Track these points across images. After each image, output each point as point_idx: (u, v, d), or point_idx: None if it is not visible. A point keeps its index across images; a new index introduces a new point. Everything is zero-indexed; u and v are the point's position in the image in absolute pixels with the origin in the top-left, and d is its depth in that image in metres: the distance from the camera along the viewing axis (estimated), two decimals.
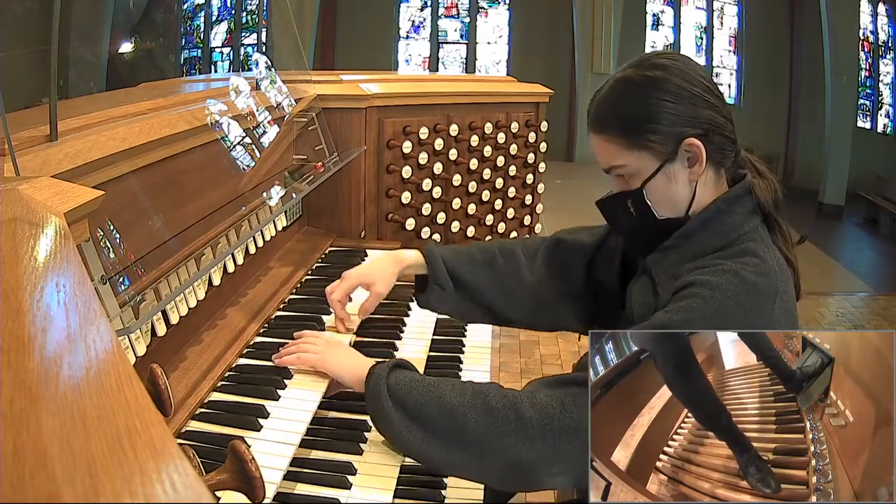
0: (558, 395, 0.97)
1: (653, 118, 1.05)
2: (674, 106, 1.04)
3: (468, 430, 0.99)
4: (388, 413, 1.03)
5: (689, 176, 1.07)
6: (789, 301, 1.02)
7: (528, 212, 2.44)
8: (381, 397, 1.03)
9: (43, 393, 0.40)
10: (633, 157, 1.07)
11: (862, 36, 9.71)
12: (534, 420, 0.96)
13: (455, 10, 11.58)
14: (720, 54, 11.28)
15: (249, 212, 1.39)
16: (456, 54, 11.65)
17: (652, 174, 1.07)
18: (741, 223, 1.05)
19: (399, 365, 1.09)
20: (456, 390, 1.02)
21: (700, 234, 1.06)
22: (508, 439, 0.97)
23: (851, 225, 8.91)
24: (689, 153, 1.05)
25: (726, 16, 11.28)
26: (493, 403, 0.99)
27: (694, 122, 1.05)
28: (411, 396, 1.03)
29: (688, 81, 1.05)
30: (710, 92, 1.07)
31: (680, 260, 1.06)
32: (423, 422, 1.02)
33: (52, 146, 0.94)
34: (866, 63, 10.15)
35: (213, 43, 10.39)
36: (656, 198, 1.08)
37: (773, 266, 1.00)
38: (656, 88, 1.05)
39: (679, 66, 1.06)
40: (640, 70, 1.07)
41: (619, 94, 1.09)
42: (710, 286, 0.96)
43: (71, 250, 0.64)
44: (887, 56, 10.28)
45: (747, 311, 0.95)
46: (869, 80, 10.23)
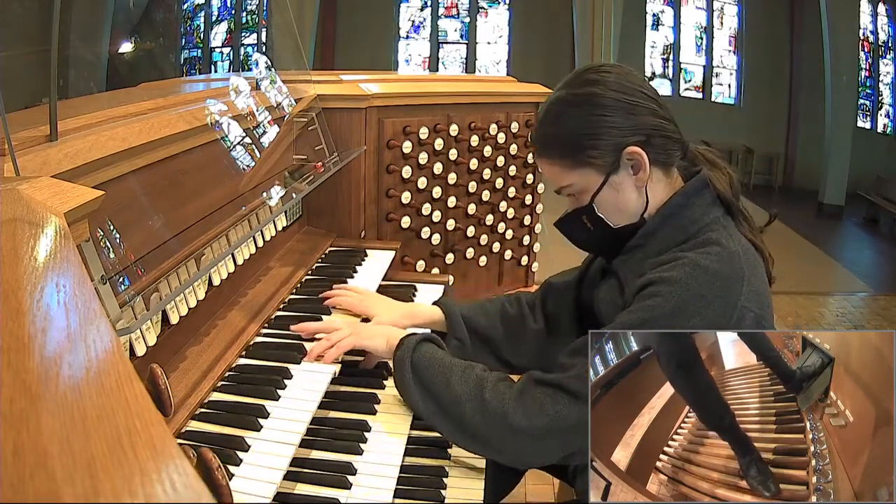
0: (538, 396, 1.03)
1: (591, 135, 1.07)
2: (610, 119, 1.06)
3: (465, 418, 1.08)
4: (408, 382, 1.14)
5: (636, 183, 1.09)
6: (759, 284, 1.03)
7: (528, 212, 2.44)
8: (405, 367, 1.14)
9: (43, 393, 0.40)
10: (577, 175, 1.10)
11: (862, 36, 9.70)
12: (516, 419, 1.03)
13: (455, 10, 11.57)
14: (720, 54, 11.28)
15: (249, 212, 1.39)
16: (456, 54, 11.65)
17: (598, 188, 1.09)
18: (701, 215, 1.07)
19: (427, 339, 1.19)
20: (463, 377, 1.10)
21: (661, 231, 1.08)
22: (494, 432, 1.05)
23: (851, 225, 8.91)
24: (632, 161, 1.07)
25: (726, 16, 11.27)
26: (486, 396, 1.07)
27: (632, 130, 1.07)
28: (428, 373, 1.13)
29: (621, 92, 1.07)
30: (646, 97, 1.08)
31: (644, 257, 1.08)
32: (433, 397, 1.11)
33: (52, 146, 0.94)
34: (866, 63, 10.15)
35: (213, 43, 10.39)
36: (608, 209, 1.11)
37: (737, 251, 1.02)
38: (590, 105, 1.07)
39: (611, 78, 1.08)
40: (572, 89, 1.10)
41: (555, 116, 1.11)
42: (669, 282, 0.98)
43: (71, 250, 0.64)
44: (887, 56, 10.27)
45: (709, 302, 0.97)
46: (869, 80, 10.23)
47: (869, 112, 10.34)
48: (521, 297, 1.42)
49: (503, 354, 1.38)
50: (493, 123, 2.20)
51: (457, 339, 1.36)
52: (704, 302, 0.96)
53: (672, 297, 0.97)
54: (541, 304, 1.40)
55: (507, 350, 1.38)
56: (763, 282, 1.05)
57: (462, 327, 1.36)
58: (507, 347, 1.38)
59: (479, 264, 2.30)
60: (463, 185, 2.17)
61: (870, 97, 10.30)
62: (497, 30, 11.58)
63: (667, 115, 1.10)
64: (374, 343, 1.23)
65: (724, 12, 11.25)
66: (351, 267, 1.67)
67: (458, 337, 1.36)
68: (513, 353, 1.38)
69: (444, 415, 1.10)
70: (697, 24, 11.30)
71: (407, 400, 1.16)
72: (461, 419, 1.08)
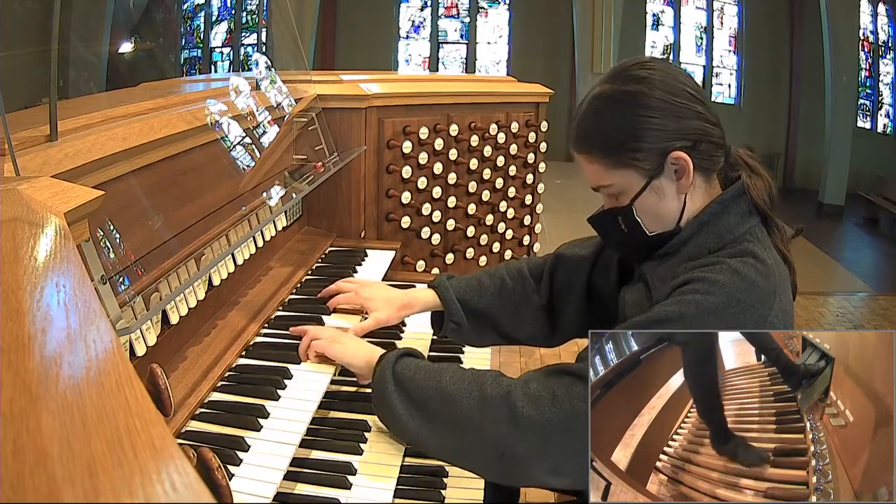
0: (551, 386, 0.96)
1: (636, 136, 1.02)
2: (657, 121, 1.01)
3: (463, 416, 0.99)
4: (390, 396, 1.04)
5: (678, 189, 1.05)
6: (787, 303, 1.01)
7: (528, 212, 2.44)
8: (386, 380, 1.05)
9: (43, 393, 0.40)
10: (619, 176, 1.05)
11: (862, 36, 9.71)
12: (525, 410, 0.95)
13: (455, 10, 11.57)
14: (720, 54, 11.28)
15: (249, 212, 1.39)
16: (456, 54, 11.65)
17: (639, 192, 1.05)
18: (737, 224, 1.04)
19: (409, 353, 1.10)
20: (456, 376, 1.03)
21: (696, 238, 1.05)
22: (499, 428, 0.96)
23: (851, 225, 8.91)
24: (676, 166, 1.03)
25: (726, 16, 11.27)
26: (487, 391, 0.99)
27: (680, 135, 1.02)
28: (414, 381, 1.04)
29: (670, 93, 1.02)
30: (694, 99, 1.04)
31: (676, 264, 1.05)
32: (421, 406, 1.02)
33: (52, 146, 0.94)
34: (866, 63, 10.15)
35: (213, 43, 10.39)
36: (646, 213, 1.07)
37: (772, 267, 0.99)
38: (638, 105, 1.01)
39: (659, 76, 1.03)
40: (618, 85, 1.04)
41: (598, 113, 1.05)
42: (710, 282, 0.96)
43: (71, 250, 0.64)
44: (887, 56, 10.27)
45: (745, 308, 0.94)
46: (869, 80, 10.23)
47: (869, 112, 10.34)
48: (523, 268, 1.37)
49: (504, 329, 1.35)
50: (493, 123, 2.20)
51: (454, 322, 1.33)
52: (741, 307, 0.94)
53: (711, 296, 0.94)
54: (549, 277, 1.35)
55: (508, 325, 1.34)
56: (789, 300, 1.02)
57: (458, 309, 1.33)
58: (508, 322, 1.34)
59: (479, 264, 2.30)
60: (463, 185, 2.17)
61: (870, 97, 10.30)
62: (497, 30, 11.58)
63: (713, 118, 1.05)
64: (347, 358, 1.15)
65: (724, 12, 11.25)
66: (351, 267, 1.67)
67: (454, 320, 1.33)
68: (514, 328, 1.35)
69: (433, 424, 1.02)
70: (697, 24, 11.30)
71: (388, 419, 1.06)
72: (458, 420, 0.99)
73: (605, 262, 1.28)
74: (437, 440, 1.02)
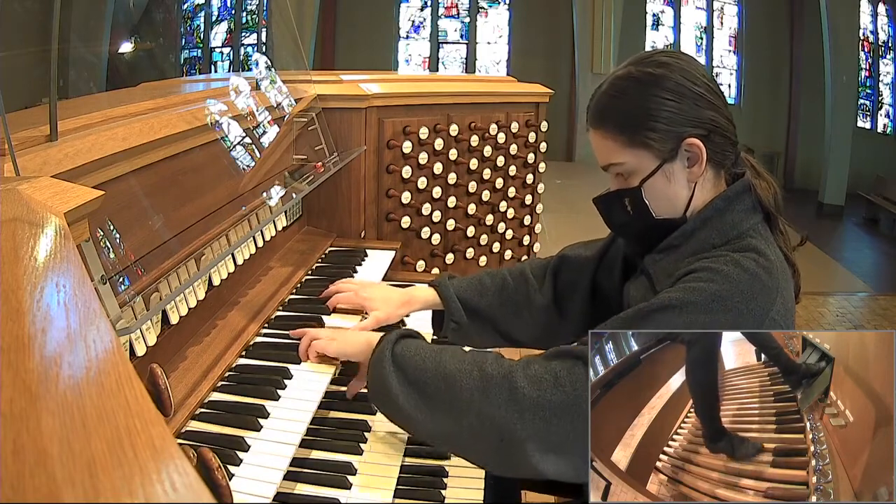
0: (553, 367, 0.95)
1: (653, 116, 1.04)
2: (675, 105, 1.03)
3: (462, 396, 0.96)
4: (387, 377, 1.01)
5: (689, 176, 1.06)
6: (789, 301, 1.01)
7: (528, 212, 2.44)
8: (385, 360, 1.02)
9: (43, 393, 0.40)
10: (632, 154, 1.06)
11: (862, 36, 9.71)
12: (526, 391, 0.93)
13: (455, 10, 11.58)
14: (720, 54, 11.29)
15: (249, 212, 1.39)
16: (456, 54, 11.65)
17: (651, 173, 1.06)
18: (741, 220, 1.05)
19: (409, 335, 1.09)
20: (456, 357, 1.01)
21: (699, 233, 1.06)
22: (500, 409, 0.94)
23: (851, 225, 8.91)
24: (690, 153, 1.05)
25: (726, 16, 11.28)
26: (488, 370, 0.97)
27: (695, 122, 1.04)
28: (413, 361, 1.02)
29: (690, 80, 1.04)
30: (712, 92, 1.06)
31: (679, 258, 1.06)
32: (419, 387, 1.00)
33: (52, 146, 0.94)
34: (866, 63, 10.15)
35: (213, 43, 10.40)
36: (654, 197, 1.08)
37: (774, 263, 1.00)
38: (657, 86, 1.04)
39: (681, 64, 1.06)
40: (641, 67, 1.06)
41: (619, 91, 1.07)
42: (715, 271, 0.97)
43: (71, 250, 0.64)
44: (887, 56, 10.28)
45: (748, 299, 0.95)
46: (869, 80, 10.23)
47: (869, 112, 10.34)
48: (525, 269, 1.37)
49: (505, 329, 1.34)
50: (493, 123, 2.20)
51: (454, 321, 1.33)
52: (744, 298, 0.94)
53: (715, 283, 0.95)
54: (552, 277, 1.35)
55: (509, 325, 1.34)
56: (791, 299, 1.03)
57: (458, 308, 1.32)
58: (509, 322, 1.34)
59: (479, 264, 2.30)
60: (463, 185, 2.17)
61: (870, 97, 10.30)
62: (497, 30, 11.59)
63: (728, 115, 1.08)
64: (347, 349, 1.14)
65: (724, 12, 11.26)
66: (351, 267, 1.67)
67: (455, 319, 1.33)
68: (515, 328, 1.34)
69: (430, 405, 0.99)
70: (697, 24, 11.31)
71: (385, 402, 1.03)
72: (457, 401, 0.96)
73: (609, 263, 1.29)
74: (434, 424, 0.99)
